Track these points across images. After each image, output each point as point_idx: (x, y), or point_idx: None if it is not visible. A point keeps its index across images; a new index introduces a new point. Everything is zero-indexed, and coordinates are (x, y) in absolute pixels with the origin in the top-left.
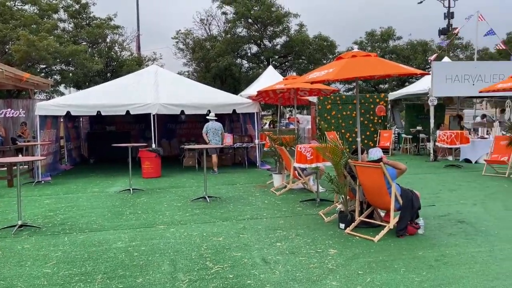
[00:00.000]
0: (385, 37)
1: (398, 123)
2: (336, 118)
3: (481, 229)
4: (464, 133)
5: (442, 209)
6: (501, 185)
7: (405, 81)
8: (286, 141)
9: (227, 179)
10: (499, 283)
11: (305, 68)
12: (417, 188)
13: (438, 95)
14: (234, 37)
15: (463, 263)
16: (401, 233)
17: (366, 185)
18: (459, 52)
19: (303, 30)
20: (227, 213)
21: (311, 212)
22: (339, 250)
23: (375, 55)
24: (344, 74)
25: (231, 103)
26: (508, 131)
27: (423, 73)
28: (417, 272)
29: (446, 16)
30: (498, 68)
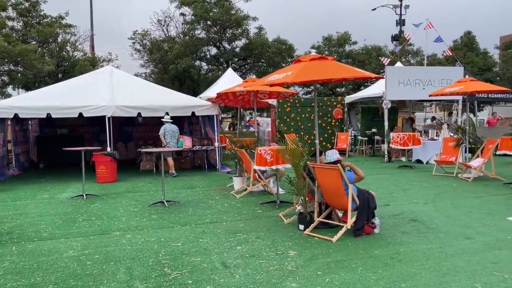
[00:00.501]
0: (341, 42)
1: (355, 126)
2: (295, 120)
3: (432, 226)
4: (416, 135)
5: (396, 208)
6: (449, 184)
7: (360, 85)
8: (246, 144)
9: (186, 183)
10: (449, 278)
11: (265, 71)
12: (373, 188)
13: (391, 98)
14: (193, 39)
15: (416, 260)
16: (358, 233)
17: (324, 186)
18: (411, 57)
19: (262, 33)
20: (186, 218)
21: (271, 214)
22: (299, 251)
23: (332, 59)
24: (303, 77)
25: (190, 105)
26: (456, 133)
27: (377, 77)
28: (373, 271)
29: (398, 23)
30: (446, 73)
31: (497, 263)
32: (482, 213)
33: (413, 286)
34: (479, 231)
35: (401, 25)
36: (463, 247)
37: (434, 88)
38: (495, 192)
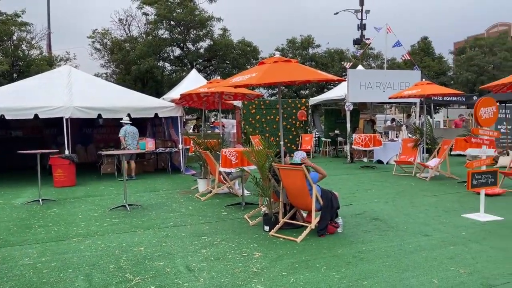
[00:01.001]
0: (305, 45)
1: (318, 127)
2: (260, 122)
3: (392, 225)
4: (376, 136)
5: (358, 207)
6: (408, 183)
7: (324, 88)
8: (211, 146)
9: (149, 186)
10: (408, 274)
11: (229, 72)
12: (336, 188)
13: (353, 100)
14: (156, 39)
15: (378, 258)
16: (322, 233)
17: (289, 187)
18: (371, 61)
19: (227, 35)
20: (149, 221)
21: (236, 216)
22: (264, 252)
23: (295, 61)
24: (267, 79)
25: (153, 107)
26: (414, 134)
27: (339, 80)
28: (337, 270)
29: (359, 28)
30: (404, 77)
31: (452, 259)
32: (439, 211)
33: (375, 283)
34: (436, 228)
35: (362, 29)
36: (421, 244)
37: (394, 91)
38: (450, 190)
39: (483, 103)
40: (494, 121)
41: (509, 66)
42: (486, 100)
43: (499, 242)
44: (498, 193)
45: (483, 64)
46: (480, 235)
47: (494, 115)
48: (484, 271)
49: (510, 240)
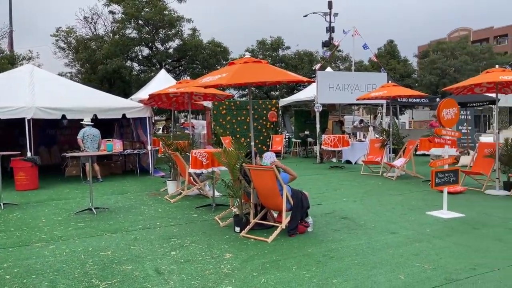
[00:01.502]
0: (275, 46)
1: (289, 128)
2: (231, 123)
3: (360, 223)
4: (345, 137)
5: (328, 207)
6: (376, 183)
7: (294, 89)
8: (180, 147)
9: (116, 188)
10: (376, 271)
11: (199, 73)
12: (306, 188)
13: (322, 102)
14: (123, 38)
15: (347, 256)
16: (292, 232)
17: (260, 187)
18: (340, 63)
19: (197, 35)
20: (117, 225)
21: (207, 218)
22: (235, 253)
23: (266, 62)
24: (237, 79)
25: (121, 107)
26: (381, 134)
27: (309, 81)
28: (307, 269)
29: (328, 30)
30: (371, 79)
31: (418, 255)
32: (405, 209)
33: (344, 281)
34: (402, 226)
35: (330, 32)
36: (388, 241)
37: (361, 93)
38: (416, 189)
39: (446, 104)
40: (455, 122)
41: (469, 69)
42: (448, 101)
43: (460, 238)
44: (459, 191)
45: (445, 67)
46: (444, 232)
47: (455, 116)
48: (447, 266)
49: (471, 236)
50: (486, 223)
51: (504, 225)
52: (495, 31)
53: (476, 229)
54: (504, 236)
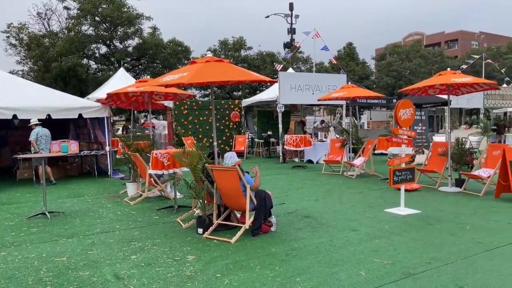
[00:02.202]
0: (237, 47)
1: (251, 128)
2: (193, 123)
3: (322, 222)
4: (307, 137)
5: (291, 206)
6: (336, 181)
7: (256, 89)
8: (141, 147)
9: (72, 191)
10: (338, 269)
11: (160, 72)
12: (269, 188)
13: (284, 102)
14: (79, 35)
15: (309, 254)
16: (255, 232)
17: (223, 188)
18: (301, 64)
19: (157, 34)
20: (73, 229)
21: (168, 220)
22: (197, 255)
23: (228, 62)
24: (199, 78)
25: (77, 107)
26: (341, 134)
27: (271, 81)
28: (270, 268)
29: (289, 32)
30: (331, 80)
31: (377, 251)
32: (364, 207)
33: (307, 279)
34: (362, 223)
35: (292, 33)
36: (349, 238)
37: (322, 93)
38: (374, 187)
39: (402, 105)
40: (411, 122)
41: (422, 72)
42: (404, 102)
43: (417, 234)
44: (415, 188)
45: (401, 69)
46: (401, 228)
47: (411, 116)
48: (404, 261)
49: (426, 231)
50: (440, 218)
51: (456, 220)
52: (446, 36)
53: (431, 224)
54: (456, 231)
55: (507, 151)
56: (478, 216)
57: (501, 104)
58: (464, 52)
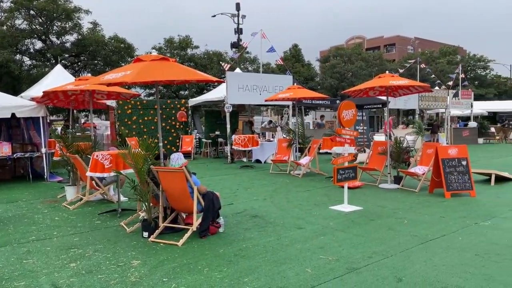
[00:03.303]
0: (183, 45)
1: (199, 128)
2: (137, 123)
3: (270, 221)
4: (255, 137)
5: (239, 206)
6: (284, 180)
7: (203, 89)
8: (81, 149)
9: (5, 196)
10: (285, 267)
11: (101, 70)
12: (217, 188)
13: (232, 102)
14: (12, 29)
15: (257, 254)
16: (203, 234)
17: (170, 190)
18: (248, 64)
19: (98, 29)
20: (6, 237)
21: (111, 224)
22: (143, 260)
23: (174, 60)
24: (143, 77)
25: (9, 106)
26: (288, 134)
27: (218, 81)
28: (219, 269)
29: (236, 32)
30: (278, 81)
31: (323, 248)
32: (310, 205)
33: (255, 278)
34: (309, 221)
35: (239, 33)
36: (296, 236)
37: (269, 94)
38: (320, 185)
39: (345, 106)
40: (353, 122)
41: (363, 74)
42: (347, 103)
43: (359, 229)
44: (358, 186)
45: (344, 71)
46: (345, 224)
47: (353, 117)
48: (348, 256)
49: (368, 226)
50: (380, 214)
51: (395, 216)
52: (384, 40)
53: (372, 220)
54: (395, 226)
55: (439, 149)
56: (414, 211)
57: (434, 106)
58: (401, 56)
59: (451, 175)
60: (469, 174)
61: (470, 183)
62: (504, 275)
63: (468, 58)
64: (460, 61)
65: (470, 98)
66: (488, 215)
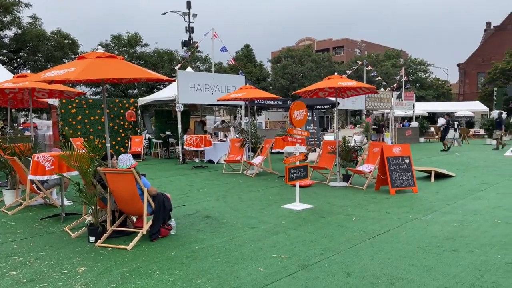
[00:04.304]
0: (132, 43)
1: (149, 129)
2: (83, 123)
3: (223, 221)
4: (207, 137)
5: (191, 207)
6: (237, 180)
7: (153, 88)
8: (20, 150)
9: None
10: (238, 267)
11: (43, 66)
12: (168, 190)
13: (183, 102)
14: None
15: (210, 255)
16: (154, 237)
17: (118, 192)
18: (200, 64)
19: (38, 24)
20: None
21: (54, 230)
22: (89, 266)
23: (121, 58)
24: (88, 75)
25: None
26: (240, 134)
27: (168, 80)
28: (170, 272)
29: (187, 30)
30: (230, 81)
31: (275, 246)
32: (263, 204)
33: (208, 280)
34: (261, 220)
35: (190, 32)
36: (249, 236)
37: (221, 94)
38: (272, 184)
39: (296, 106)
40: (304, 122)
41: (314, 75)
42: (298, 104)
43: (311, 227)
44: (309, 184)
45: (295, 72)
46: (297, 223)
47: (304, 117)
48: (300, 254)
49: (319, 224)
50: (330, 211)
51: (344, 213)
52: (333, 43)
53: (323, 217)
54: (344, 222)
55: (384, 148)
56: (362, 208)
57: (380, 106)
58: (349, 58)
59: (396, 173)
60: (412, 172)
61: (412, 180)
62: (443, 265)
63: (410, 62)
64: (403, 64)
65: (412, 100)
66: (428, 210)
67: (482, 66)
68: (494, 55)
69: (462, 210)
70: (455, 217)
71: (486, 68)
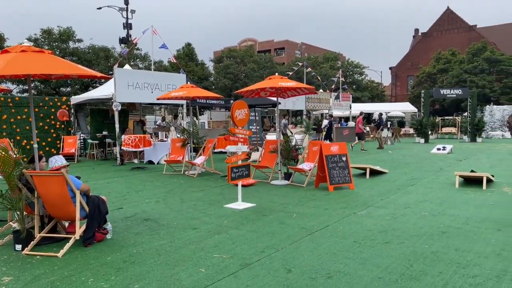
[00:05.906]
0: (64, 38)
1: (84, 129)
2: (8, 123)
3: (163, 223)
4: (147, 137)
5: (129, 210)
6: (178, 181)
7: (88, 85)
8: None
9: None
10: (179, 269)
11: None
12: (105, 192)
13: (121, 100)
14: None
15: (149, 258)
16: (88, 242)
17: (47, 196)
18: (139, 61)
19: None
20: None
21: None
22: (15, 276)
23: (50, 53)
24: (11, 70)
25: None
26: (182, 134)
27: (103, 76)
28: (106, 279)
29: (125, 26)
30: (171, 79)
31: (217, 246)
32: (205, 204)
33: (146, 284)
34: (203, 221)
35: (128, 28)
36: (190, 237)
37: (162, 92)
38: (215, 184)
39: (238, 106)
40: (246, 121)
41: (256, 76)
42: (239, 103)
43: (252, 226)
44: (251, 183)
45: (237, 72)
46: (239, 222)
47: (246, 116)
48: (242, 253)
49: (261, 222)
50: (272, 209)
51: (284, 210)
52: (275, 44)
53: (265, 215)
54: (285, 219)
55: (323, 147)
56: (302, 205)
57: (319, 107)
58: (290, 59)
59: (334, 170)
60: (349, 169)
61: (349, 177)
62: (376, 257)
63: (347, 64)
64: (340, 66)
65: (349, 100)
66: (364, 205)
67: (411, 70)
68: (422, 60)
69: (394, 205)
70: (388, 211)
71: (415, 72)
